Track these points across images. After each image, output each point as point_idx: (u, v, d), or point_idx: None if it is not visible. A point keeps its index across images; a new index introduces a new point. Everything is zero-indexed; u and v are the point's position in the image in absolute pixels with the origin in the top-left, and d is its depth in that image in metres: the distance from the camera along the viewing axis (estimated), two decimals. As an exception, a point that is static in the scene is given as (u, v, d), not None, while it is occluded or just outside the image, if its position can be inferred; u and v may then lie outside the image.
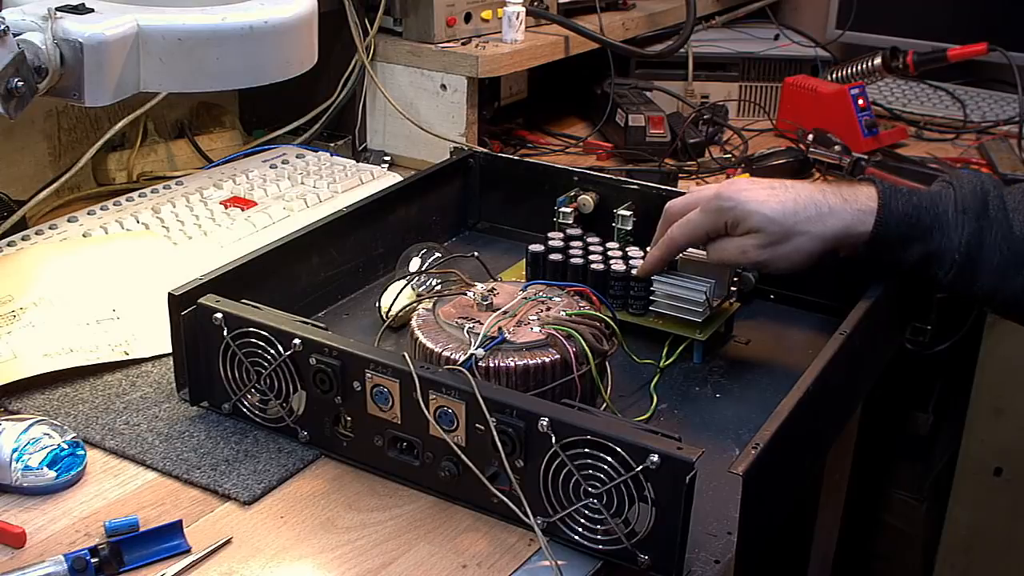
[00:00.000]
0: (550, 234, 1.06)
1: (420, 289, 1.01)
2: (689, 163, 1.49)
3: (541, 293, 0.90)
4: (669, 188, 1.12)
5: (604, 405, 0.86)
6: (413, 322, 0.87)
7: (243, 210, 1.18)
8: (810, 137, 1.50)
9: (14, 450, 0.77)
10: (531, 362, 0.81)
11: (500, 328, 0.83)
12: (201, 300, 0.84)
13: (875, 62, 1.67)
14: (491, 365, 0.81)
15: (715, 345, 1.00)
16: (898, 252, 0.91)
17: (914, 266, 0.92)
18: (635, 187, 1.11)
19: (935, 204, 0.91)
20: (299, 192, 1.24)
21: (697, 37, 1.73)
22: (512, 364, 0.81)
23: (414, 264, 1.05)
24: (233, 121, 1.48)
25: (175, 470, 0.80)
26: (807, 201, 0.90)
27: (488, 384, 0.75)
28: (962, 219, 0.90)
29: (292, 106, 1.44)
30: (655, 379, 0.94)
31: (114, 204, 1.20)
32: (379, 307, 1.01)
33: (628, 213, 1.07)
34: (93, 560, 0.69)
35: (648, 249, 0.98)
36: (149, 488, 0.79)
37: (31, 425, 0.79)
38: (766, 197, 0.90)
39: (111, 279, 1.02)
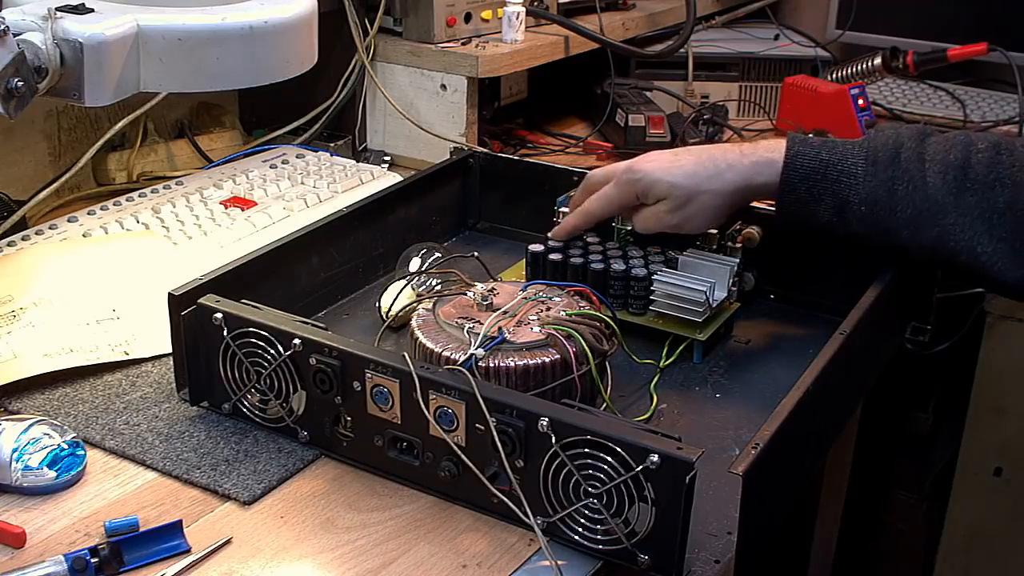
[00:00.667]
0: (550, 234, 1.06)
1: (420, 289, 1.01)
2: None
3: (541, 293, 0.90)
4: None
5: (604, 405, 0.86)
6: (413, 322, 0.87)
7: (243, 210, 1.18)
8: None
9: (14, 450, 0.77)
10: (531, 362, 0.81)
11: (500, 328, 0.83)
12: (201, 300, 0.84)
13: (875, 62, 1.66)
14: (491, 365, 0.81)
15: (715, 345, 1.00)
16: (811, 206, 0.92)
17: (831, 222, 0.92)
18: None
19: (844, 156, 0.91)
20: (299, 192, 1.24)
21: (697, 37, 1.73)
22: (512, 364, 0.81)
23: (414, 264, 1.05)
24: (233, 121, 1.48)
25: (175, 470, 0.80)
26: (706, 161, 0.95)
27: (488, 384, 0.75)
28: (871, 171, 0.90)
29: (292, 106, 1.44)
30: (655, 379, 0.94)
31: (114, 204, 1.20)
32: (379, 307, 1.01)
33: (628, 213, 1.07)
34: (93, 560, 0.69)
35: (566, 216, 1.04)
36: (149, 488, 0.79)
37: (31, 425, 0.79)
38: (668, 165, 0.95)
39: (111, 279, 1.02)
